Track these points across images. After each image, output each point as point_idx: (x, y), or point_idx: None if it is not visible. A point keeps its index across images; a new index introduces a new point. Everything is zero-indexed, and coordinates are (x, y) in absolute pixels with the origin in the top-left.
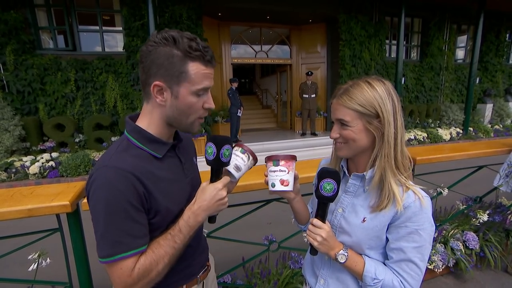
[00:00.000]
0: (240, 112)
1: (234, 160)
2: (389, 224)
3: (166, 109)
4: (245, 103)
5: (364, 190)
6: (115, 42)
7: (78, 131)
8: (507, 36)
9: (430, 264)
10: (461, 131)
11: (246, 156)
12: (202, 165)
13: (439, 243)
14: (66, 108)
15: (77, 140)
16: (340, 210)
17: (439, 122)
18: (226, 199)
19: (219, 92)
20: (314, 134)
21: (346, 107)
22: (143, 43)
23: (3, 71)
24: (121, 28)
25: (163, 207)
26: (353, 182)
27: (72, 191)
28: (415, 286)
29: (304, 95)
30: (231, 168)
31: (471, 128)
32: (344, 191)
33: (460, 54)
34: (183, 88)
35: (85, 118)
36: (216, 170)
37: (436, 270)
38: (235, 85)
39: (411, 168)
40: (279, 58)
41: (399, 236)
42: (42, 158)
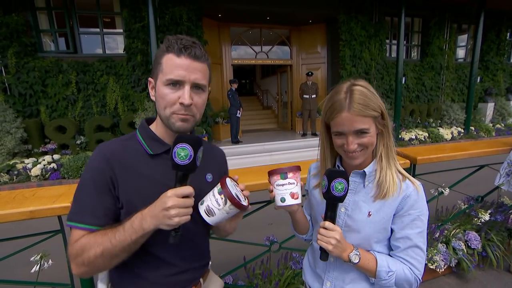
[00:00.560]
0: (239, 113)
1: (207, 199)
2: (394, 214)
3: (156, 104)
4: (245, 104)
5: (364, 186)
6: (116, 44)
7: (79, 133)
8: (508, 35)
9: (432, 264)
10: (462, 131)
11: (222, 198)
12: None
13: (441, 243)
14: (68, 110)
15: (78, 142)
16: (343, 210)
17: (440, 121)
18: (173, 212)
19: (219, 93)
20: (315, 135)
21: (363, 116)
22: (143, 45)
23: (5, 74)
24: (121, 30)
25: (128, 202)
26: (353, 179)
27: (74, 193)
28: (421, 269)
29: (305, 96)
30: (201, 210)
31: (473, 127)
32: None
33: (460, 53)
34: (159, 80)
35: (86, 120)
36: (183, 176)
37: (438, 270)
38: (235, 86)
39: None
40: (279, 59)
41: (403, 225)
42: (44, 160)
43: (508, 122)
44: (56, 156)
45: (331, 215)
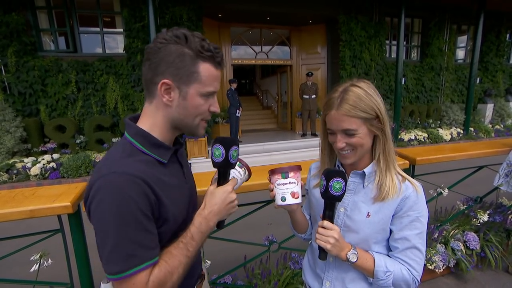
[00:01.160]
0: (239, 113)
1: (232, 173)
2: (393, 215)
3: (172, 109)
4: (245, 104)
5: (363, 186)
6: (116, 44)
7: (79, 133)
8: (508, 36)
9: (431, 265)
10: (461, 131)
11: (243, 170)
12: (200, 166)
13: (439, 244)
14: (67, 109)
15: (78, 141)
16: (342, 210)
17: (439, 122)
18: (236, 201)
19: (219, 93)
20: (315, 135)
21: (350, 116)
22: (143, 44)
23: (5, 73)
24: (121, 30)
25: (171, 215)
26: (352, 179)
27: (74, 192)
28: (420, 270)
29: (305, 96)
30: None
31: (472, 128)
32: None
33: (460, 54)
34: (193, 89)
35: (86, 119)
36: (224, 173)
37: (436, 270)
38: (234, 85)
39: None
40: (279, 59)
41: (402, 226)
42: (43, 159)
43: (507, 123)
44: (55, 156)
45: (329, 214)
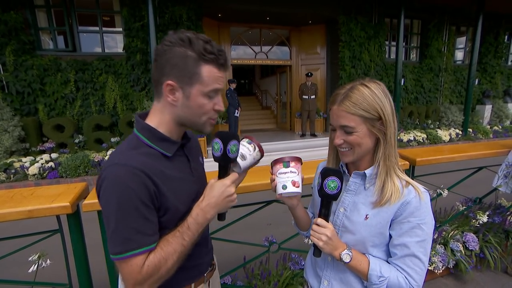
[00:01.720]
0: (237, 113)
1: (239, 149)
2: (392, 220)
3: (177, 108)
4: (244, 103)
5: (364, 187)
6: (115, 43)
7: (77, 132)
8: (506, 37)
9: (430, 265)
10: (460, 132)
11: (252, 146)
12: (209, 165)
13: (439, 244)
14: (66, 108)
15: (76, 141)
16: (341, 210)
17: (438, 123)
18: (235, 195)
19: None
20: (314, 135)
21: (350, 113)
22: (143, 44)
23: (3, 72)
24: (121, 29)
25: (172, 206)
26: (354, 180)
27: (73, 192)
28: (420, 281)
29: (304, 96)
30: (237, 157)
31: (470, 129)
32: (345, 190)
33: (459, 55)
34: (195, 89)
35: (84, 118)
36: (224, 167)
37: (436, 271)
38: (233, 85)
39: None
40: (278, 59)
41: (402, 232)
42: (42, 159)
43: (506, 124)
44: (54, 155)
45: (324, 212)
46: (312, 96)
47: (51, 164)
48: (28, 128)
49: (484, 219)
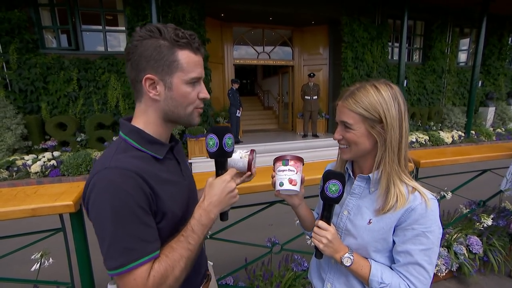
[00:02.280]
0: (239, 113)
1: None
2: (395, 226)
3: (160, 103)
4: (246, 104)
5: (369, 191)
6: (118, 42)
7: (79, 130)
8: (510, 39)
9: None
10: (463, 134)
11: (245, 155)
12: (201, 166)
13: (442, 247)
14: (68, 107)
15: (78, 139)
16: (345, 213)
17: (441, 125)
18: (236, 191)
19: (220, 92)
20: (316, 136)
21: (350, 110)
22: None
23: (6, 70)
24: (124, 28)
25: (169, 210)
26: (358, 183)
27: (76, 191)
28: None
29: (306, 97)
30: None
31: (473, 132)
32: (350, 193)
33: (462, 57)
34: (176, 78)
35: (87, 117)
36: (221, 162)
37: (439, 274)
38: (236, 86)
39: (412, 172)
40: (281, 60)
41: (406, 239)
42: (44, 157)
43: (509, 127)
44: (56, 153)
45: (326, 215)
46: (314, 97)
47: (53, 162)
48: (31, 126)
49: (489, 222)
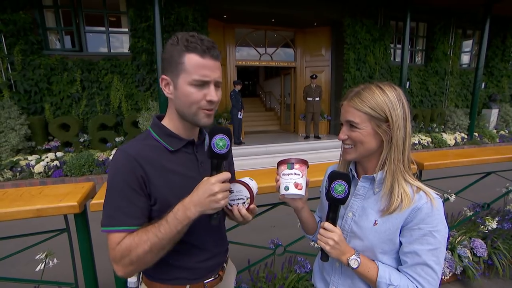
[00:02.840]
0: (241, 114)
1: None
2: (402, 226)
3: (174, 101)
4: (248, 105)
5: (374, 192)
6: (121, 43)
7: (82, 131)
8: None
9: None
10: (466, 136)
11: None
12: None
13: (446, 250)
14: (72, 108)
15: (81, 140)
16: (350, 215)
17: (443, 127)
18: (220, 196)
19: (223, 94)
20: (318, 137)
21: (356, 109)
22: (148, 44)
23: (11, 71)
24: (127, 30)
25: (162, 197)
26: (362, 184)
27: (80, 191)
28: None
29: (308, 98)
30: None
31: (476, 134)
32: (354, 194)
33: (465, 59)
34: (181, 79)
35: (90, 118)
36: (216, 164)
37: (443, 277)
38: (238, 87)
39: (415, 174)
40: (283, 61)
41: (412, 239)
42: (47, 157)
43: None
44: (59, 154)
45: (332, 216)
46: (317, 98)
47: (56, 162)
48: (35, 126)
49: (494, 225)
